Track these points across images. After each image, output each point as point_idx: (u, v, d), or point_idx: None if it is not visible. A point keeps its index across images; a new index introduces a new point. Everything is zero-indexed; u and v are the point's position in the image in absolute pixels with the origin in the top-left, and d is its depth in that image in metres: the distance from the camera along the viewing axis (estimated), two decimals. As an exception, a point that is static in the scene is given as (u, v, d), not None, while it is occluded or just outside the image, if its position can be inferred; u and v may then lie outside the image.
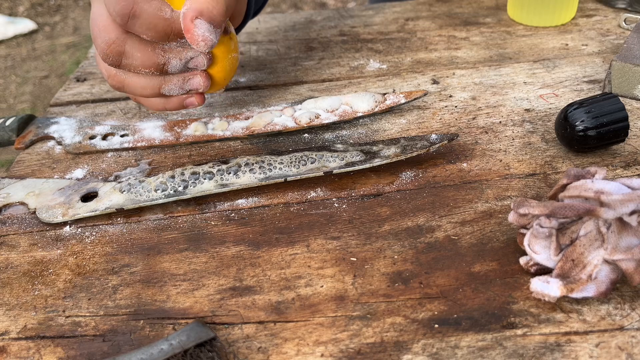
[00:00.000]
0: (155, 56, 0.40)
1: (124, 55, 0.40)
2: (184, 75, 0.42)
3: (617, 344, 0.30)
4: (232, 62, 0.44)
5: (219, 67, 0.43)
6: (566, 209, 0.31)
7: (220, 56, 0.43)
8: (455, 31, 0.63)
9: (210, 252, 0.37)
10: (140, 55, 0.40)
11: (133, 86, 0.42)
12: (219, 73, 0.43)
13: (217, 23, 0.39)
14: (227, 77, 0.44)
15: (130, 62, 0.40)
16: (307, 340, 0.31)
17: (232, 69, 0.44)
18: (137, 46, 0.40)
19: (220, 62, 0.43)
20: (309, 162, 0.42)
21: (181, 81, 0.42)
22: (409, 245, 0.36)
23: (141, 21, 0.38)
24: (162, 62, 0.41)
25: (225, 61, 0.43)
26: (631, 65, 0.47)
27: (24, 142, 0.50)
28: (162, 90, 0.42)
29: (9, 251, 0.39)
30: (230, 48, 0.43)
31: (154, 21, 0.38)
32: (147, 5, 0.38)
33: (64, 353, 0.32)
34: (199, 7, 0.38)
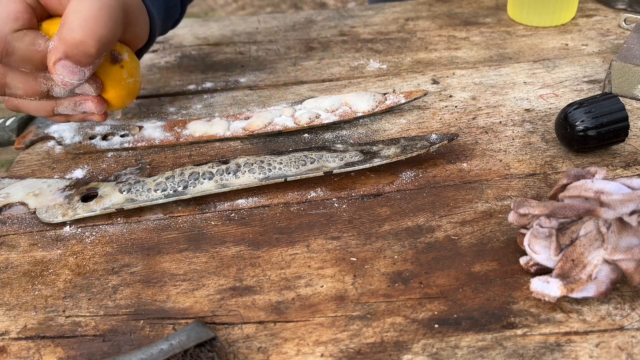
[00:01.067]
0: (38, 85, 0.40)
1: (6, 86, 0.40)
2: (74, 99, 0.42)
3: (617, 344, 0.30)
4: (128, 87, 0.43)
5: (113, 93, 0.42)
6: (566, 209, 0.31)
7: (111, 84, 0.42)
8: (455, 31, 0.63)
9: (210, 252, 0.37)
10: (22, 86, 0.40)
11: (27, 109, 0.42)
12: (114, 99, 0.43)
13: (84, 63, 0.38)
14: (125, 100, 0.44)
15: (14, 92, 0.40)
16: (307, 340, 0.31)
17: (128, 93, 0.43)
18: (18, 77, 0.40)
19: (113, 89, 0.42)
20: (309, 162, 0.42)
21: (73, 104, 0.42)
22: (409, 245, 0.36)
23: (15, 57, 0.38)
24: (45, 89, 0.40)
25: (118, 88, 0.42)
26: (631, 65, 0.47)
27: (24, 142, 0.50)
28: (56, 112, 0.43)
29: (9, 251, 0.39)
30: (121, 76, 0.42)
31: (29, 55, 0.38)
32: (19, 42, 0.37)
33: (64, 353, 0.32)
34: (64, 48, 0.37)
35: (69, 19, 0.37)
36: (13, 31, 0.37)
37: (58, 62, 0.37)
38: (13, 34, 0.37)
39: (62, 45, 0.37)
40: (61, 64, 0.38)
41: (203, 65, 0.61)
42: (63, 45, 0.37)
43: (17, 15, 0.37)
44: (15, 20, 0.37)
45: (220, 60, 0.61)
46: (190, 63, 0.61)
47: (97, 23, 0.37)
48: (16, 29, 0.37)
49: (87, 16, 0.37)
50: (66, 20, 0.37)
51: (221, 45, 0.65)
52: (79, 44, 0.37)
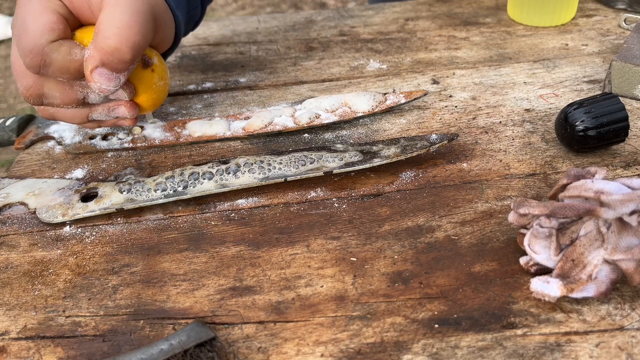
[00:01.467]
0: (74, 93, 0.41)
1: (43, 96, 0.40)
2: (108, 104, 0.42)
3: (617, 344, 0.30)
4: (159, 90, 0.44)
5: (145, 97, 0.43)
6: (566, 209, 0.31)
7: (143, 88, 0.42)
8: (455, 31, 0.63)
9: (210, 252, 0.37)
10: (59, 95, 0.40)
11: (62, 117, 0.43)
12: (146, 102, 0.43)
13: (120, 70, 0.39)
14: (156, 103, 0.44)
15: (51, 101, 0.41)
16: (307, 340, 0.31)
17: (159, 96, 0.44)
18: (55, 87, 0.40)
19: (144, 92, 0.43)
20: (308, 162, 0.42)
21: (106, 110, 0.43)
22: (409, 245, 0.36)
23: (53, 68, 0.38)
24: (81, 97, 0.41)
25: (149, 91, 0.43)
26: (631, 65, 0.47)
27: (24, 142, 0.50)
28: (90, 118, 0.43)
29: (9, 251, 0.39)
30: (152, 80, 0.43)
31: (66, 65, 0.38)
32: (56, 53, 0.38)
33: (64, 353, 0.32)
34: (100, 56, 0.38)
35: (103, 27, 0.38)
36: (49, 42, 0.38)
37: (95, 69, 0.38)
38: (50, 45, 0.38)
39: (98, 53, 0.38)
40: (98, 71, 0.38)
41: (203, 65, 0.61)
42: (99, 54, 0.38)
43: (52, 27, 0.38)
44: (51, 31, 0.38)
45: (220, 60, 0.61)
46: (190, 63, 0.61)
47: (130, 30, 0.38)
48: (52, 40, 0.38)
49: (121, 24, 0.37)
50: (100, 29, 0.38)
51: (221, 45, 0.65)
52: (114, 51, 0.38)
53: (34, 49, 0.37)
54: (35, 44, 0.37)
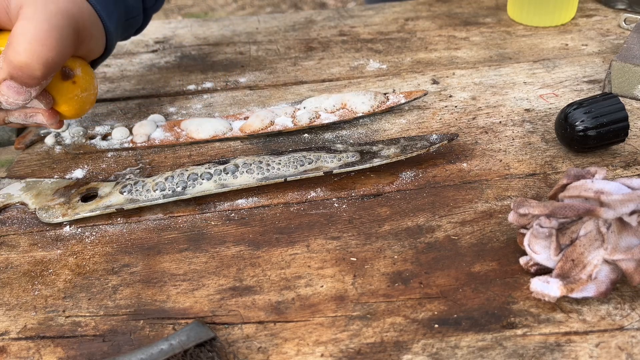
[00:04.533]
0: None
1: None
2: (25, 111, 0.41)
3: (617, 344, 0.30)
4: (81, 100, 0.42)
5: (66, 107, 0.42)
6: (566, 209, 0.31)
7: (63, 99, 0.41)
8: (455, 31, 0.63)
9: (210, 252, 0.37)
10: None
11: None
12: (68, 111, 0.42)
13: (30, 85, 0.37)
14: (79, 112, 0.43)
15: None
16: (307, 340, 0.31)
17: (81, 106, 0.43)
18: None
19: (65, 103, 0.42)
20: (307, 162, 0.42)
21: (23, 115, 0.42)
22: (409, 245, 0.36)
23: None
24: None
25: (71, 102, 0.42)
26: (631, 65, 0.47)
27: (24, 142, 0.50)
28: (7, 121, 0.42)
29: (9, 251, 0.39)
30: (73, 92, 0.41)
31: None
32: None
33: (64, 353, 0.32)
34: (9, 70, 0.36)
35: (15, 40, 0.36)
36: None
37: (3, 82, 0.37)
38: None
39: (7, 66, 0.36)
40: (6, 84, 0.37)
41: (203, 65, 0.61)
42: (8, 67, 0.36)
43: None
44: None
45: (220, 60, 0.61)
46: (190, 63, 0.61)
47: (43, 46, 0.36)
48: None
49: (33, 39, 0.36)
50: (12, 42, 0.36)
51: (221, 45, 0.65)
52: (23, 67, 0.36)
53: None
54: None
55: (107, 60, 0.63)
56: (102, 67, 0.62)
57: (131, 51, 0.65)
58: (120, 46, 0.66)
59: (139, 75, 0.60)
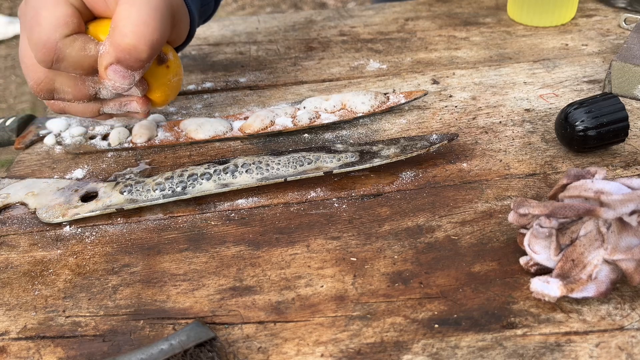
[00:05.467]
0: (86, 88, 0.40)
1: (55, 91, 0.40)
2: (120, 100, 0.42)
3: (617, 344, 0.30)
4: (172, 86, 0.43)
5: (158, 93, 0.42)
6: (566, 209, 0.31)
7: (157, 84, 0.42)
8: (455, 31, 0.63)
9: (210, 252, 0.37)
10: (70, 90, 0.40)
11: (74, 112, 0.42)
12: (158, 98, 0.43)
13: (135, 68, 0.38)
14: (168, 98, 0.44)
15: (62, 96, 0.40)
16: (307, 340, 0.31)
17: (172, 92, 0.44)
18: (67, 82, 0.39)
19: (158, 89, 0.42)
20: (307, 163, 0.42)
21: (118, 105, 0.42)
22: (409, 245, 0.36)
23: (66, 64, 0.37)
24: (93, 92, 0.40)
25: (163, 88, 0.42)
26: (631, 65, 0.47)
27: (24, 142, 0.50)
28: (102, 111, 0.43)
29: (9, 251, 0.39)
30: (166, 76, 0.42)
31: (79, 60, 0.37)
32: (69, 48, 0.37)
33: (64, 353, 0.32)
34: (116, 53, 0.37)
35: (121, 24, 0.36)
36: (63, 37, 0.37)
37: (110, 66, 0.37)
38: (63, 39, 0.37)
39: (113, 50, 0.37)
40: (112, 68, 0.37)
41: (203, 65, 0.61)
42: (115, 51, 0.37)
43: (66, 20, 0.37)
44: (65, 25, 0.37)
45: (220, 60, 0.61)
46: (190, 63, 0.61)
47: (148, 27, 0.37)
48: (66, 35, 0.37)
49: (139, 21, 0.36)
50: (117, 25, 0.37)
51: (221, 45, 0.65)
52: (131, 49, 0.36)
53: (47, 44, 0.36)
54: (49, 38, 0.36)
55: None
56: (102, 67, 0.62)
57: (131, 51, 0.65)
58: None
59: (139, 75, 0.60)
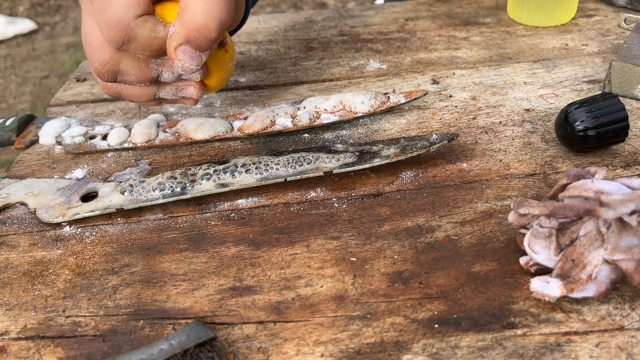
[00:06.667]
0: (149, 70, 0.40)
1: (119, 73, 0.40)
2: (177, 84, 0.42)
3: (617, 344, 0.30)
4: (227, 71, 0.43)
5: (215, 77, 0.42)
6: (566, 209, 0.31)
7: (215, 68, 0.42)
8: (455, 31, 0.63)
9: (210, 252, 0.37)
10: (134, 72, 0.40)
11: (129, 95, 0.42)
12: (214, 83, 0.43)
13: (204, 48, 0.38)
14: (222, 84, 0.44)
15: (125, 79, 0.40)
16: (307, 340, 0.31)
17: (227, 77, 0.44)
18: (131, 64, 0.39)
19: (216, 73, 0.42)
20: (307, 163, 0.42)
21: (175, 89, 0.42)
22: (409, 245, 0.36)
23: (136, 44, 0.37)
24: (155, 75, 0.40)
25: (220, 72, 0.42)
26: (631, 65, 0.47)
27: (24, 142, 0.50)
28: (157, 96, 0.43)
29: (9, 251, 0.39)
30: (224, 61, 0.42)
31: (149, 42, 0.37)
32: (141, 29, 0.37)
33: (64, 353, 0.32)
34: (186, 33, 0.37)
35: (191, 4, 0.36)
36: (135, 17, 0.36)
37: (179, 47, 0.37)
38: (135, 19, 0.37)
39: (184, 30, 0.37)
40: (182, 49, 0.37)
41: (203, 65, 0.61)
42: (185, 30, 0.37)
43: (138, 1, 0.37)
44: (137, 5, 0.37)
45: (220, 60, 0.61)
46: (190, 63, 0.61)
47: (217, 7, 0.37)
48: (138, 15, 0.37)
49: (208, 0, 0.36)
50: (187, 5, 0.37)
51: (221, 45, 0.65)
52: (201, 29, 0.37)
53: (120, 23, 0.36)
54: (121, 17, 0.36)
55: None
56: (102, 67, 0.62)
57: (131, 51, 0.65)
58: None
59: (139, 75, 0.60)
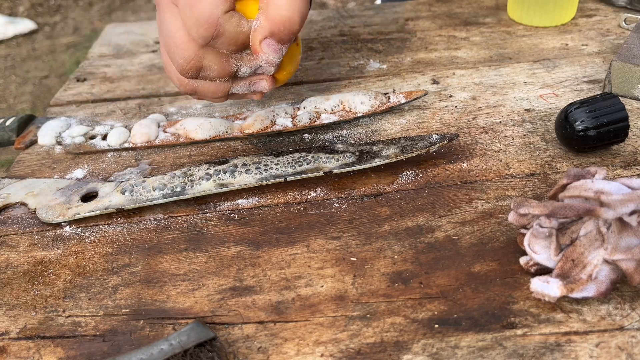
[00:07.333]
0: (230, 66, 0.40)
1: (202, 69, 0.40)
2: (250, 78, 0.42)
3: (617, 344, 0.30)
4: (297, 64, 0.44)
5: (285, 71, 0.43)
6: (566, 209, 0.31)
7: (287, 61, 0.43)
8: (455, 31, 0.63)
9: (210, 252, 0.37)
10: (217, 68, 0.40)
11: (205, 92, 0.43)
12: (284, 76, 0.44)
13: (286, 41, 0.39)
14: (290, 76, 0.45)
15: (207, 74, 0.40)
16: (307, 340, 0.31)
17: (294, 70, 0.45)
18: (214, 59, 0.40)
19: (287, 66, 0.43)
20: (305, 163, 0.42)
21: (248, 84, 0.43)
22: (409, 245, 0.36)
23: (223, 39, 0.38)
24: (234, 70, 0.41)
25: (290, 65, 0.43)
26: (631, 65, 0.47)
27: (24, 142, 0.50)
28: (231, 91, 0.43)
29: (9, 251, 0.39)
30: (295, 54, 0.43)
31: (235, 37, 0.38)
32: (228, 24, 0.38)
33: (64, 353, 0.32)
34: (271, 27, 0.38)
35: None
36: (224, 13, 0.37)
37: (264, 40, 0.38)
38: (224, 15, 0.37)
39: (268, 23, 0.37)
40: (266, 42, 0.38)
41: (203, 65, 0.61)
42: (270, 24, 0.37)
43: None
44: (225, 1, 0.37)
45: (220, 60, 0.61)
46: (190, 63, 0.61)
47: (301, 0, 0.37)
48: (226, 11, 0.37)
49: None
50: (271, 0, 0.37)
51: (221, 45, 0.65)
52: (286, 22, 0.37)
53: (210, 19, 0.37)
54: (212, 13, 0.37)
55: (107, 60, 0.63)
56: (102, 67, 0.62)
57: (131, 51, 0.65)
58: (121, 46, 0.66)
59: (139, 75, 0.60)
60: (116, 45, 0.67)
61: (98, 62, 0.63)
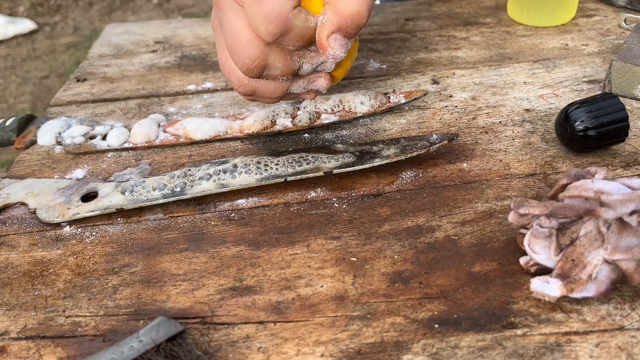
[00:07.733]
0: (293, 63, 0.40)
1: (266, 67, 0.40)
2: (309, 77, 0.42)
3: (617, 344, 0.30)
4: (352, 61, 0.44)
5: (343, 68, 0.43)
6: (566, 209, 0.31)
7: (345, 59, 0.42)
8: (455, 31, 0.63)
9: (210, 252, 0.37)
10: (281, 65, 0.40)
11: (264, 92, 0.42)
12: (341, 73, 0.44)
13: (351, 36, 0.38)
14: (345, 74, 0.45)
15: (271, 72, 0.40)
16: (307, 340, 0.31)
17: (350, 67, 0.45)
18: (279, 57, 0.39)
19: (345, 62, 0.43)
20: (305, 163, 0.42)
21: (306, 82, 0.42)
22: (409, 245, 0.36)
23: (291, 35, 0.38)
24: (297, 67, 0.40)
25: (347, 62, 0.43)
26: (631, 65, 0.47)
27: (24, 142, 0.50)
28: (289, 90, 0.43)
29: (9, 251, 0.39)
30: (354, 50, 0.43)
31: (302, 32, 0.38)
32: (297, 20, 0.37)
33: (64, 353, 0.32)
34: (339, 21, 0.37)
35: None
36: (292, 8, 0.37)
37: (331, 35, 0.38)
38: (293, 11, 0.37)
39: (336, 18, 0.37)
40: (334, 37, 0.38)
41: (203, 65, 0.61)
42: (337, 18, 0.37)
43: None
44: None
45: (220, 60, 0.61)
46: (190, 63, 0.61)
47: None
48: (294, 6, 0.37)
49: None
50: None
51: (221, 45, 0.65)
52: (354, 16, 0.37)
53: (280, 15, 0.36)
54: (281, 9, 0.36)
55: (107, 60, 0.63)
56: (102, 67, 0.62)
57: (131, 51, 0.65)
58: (120, 46, 0.66)
59: (139, 75, 0.60)
60: (116, 45, 0.67)
61: (98, 62, 0.63)
